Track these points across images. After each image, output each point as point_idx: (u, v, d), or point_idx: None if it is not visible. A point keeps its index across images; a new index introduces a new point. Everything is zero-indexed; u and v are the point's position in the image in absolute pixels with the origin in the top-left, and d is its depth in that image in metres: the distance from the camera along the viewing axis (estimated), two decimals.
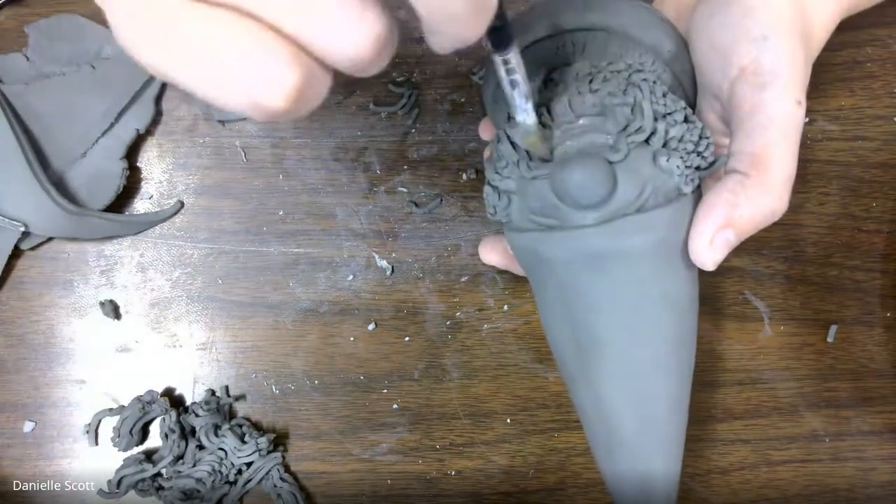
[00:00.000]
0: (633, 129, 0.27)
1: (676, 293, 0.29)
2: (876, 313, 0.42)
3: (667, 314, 0.29)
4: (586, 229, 0.28)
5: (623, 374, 0.29)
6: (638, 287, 0.28)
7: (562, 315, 0.30)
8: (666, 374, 0.30)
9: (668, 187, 0.28)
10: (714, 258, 0.28)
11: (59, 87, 0.42)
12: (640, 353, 0.29)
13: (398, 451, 0.42)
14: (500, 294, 0.43)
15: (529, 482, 0.42)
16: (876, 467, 0.41)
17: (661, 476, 0.31)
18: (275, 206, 0.44)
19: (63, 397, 0.43)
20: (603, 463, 0.32)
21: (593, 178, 0.26)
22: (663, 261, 0.29)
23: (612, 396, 0.30)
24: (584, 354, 0.30)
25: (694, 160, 0.29)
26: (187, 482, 0.40)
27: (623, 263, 0.28)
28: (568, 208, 0.28)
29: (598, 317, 0.29)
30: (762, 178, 0.28)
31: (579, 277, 0.29)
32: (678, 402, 0.30)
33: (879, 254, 0.42)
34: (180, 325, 0.43)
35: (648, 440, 0.30)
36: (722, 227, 0.28)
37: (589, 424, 0.32)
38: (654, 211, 0.28)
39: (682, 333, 0.30)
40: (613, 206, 0.27)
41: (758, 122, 0.29)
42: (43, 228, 0.42)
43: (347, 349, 0.43)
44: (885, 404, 0.42)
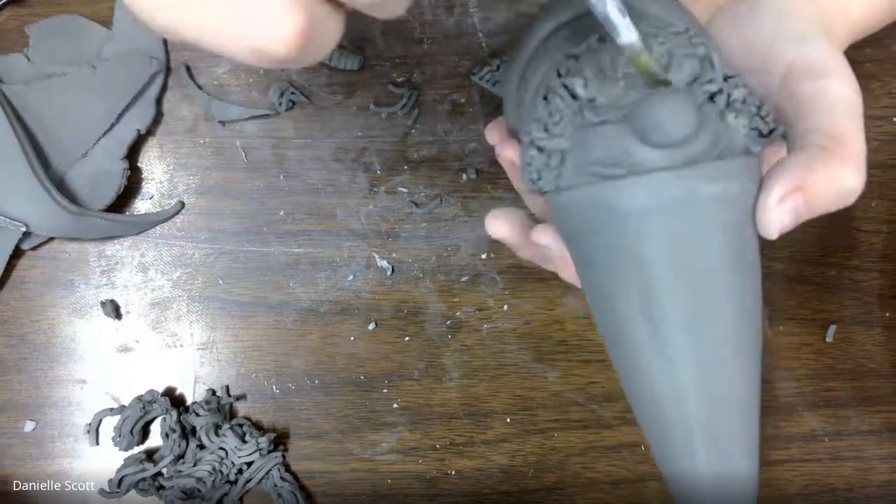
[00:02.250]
0: (705, 79, 0.26)
1: (748, 254, 0.27)
2: (875, 313, 0.42)
3: (737, 276, 0.27)
4: (664, 173, 0.25)
5: (691, 342, 0.27)
6: (714, 243, 0.26)
7: (627, 275, 0.27)
8: (738, 342, 0.27)
9: (737, 144, 0.27)
10: (781, 222, 0.26)
11: (60, 87, 0.42)
12: (710, 319, 0.27)
13: (398, 450, 0.42)
14: (500, 294, 0.43)
15: (529, 482, 0.42)
16: (875, 467, 0.41)
17: (744, 467, 0.28)
18: (275, 206, 0.44)
19: (64, 397, 0.43)
20: (674, 453, 0.28)
21: (684, 110, 0.25)
22: (740, 217, 0.27)
23: (685, 364, 0.27)
24: (653, 318, 0.27)
25: (757, 122, 0.27)
26: (188, 482, 0.41)
27: (701, 214, 0.26)
28: (643, 150, 0.26)
29: (672, 275, 0.26)
30: (839, 148, 0.27)
31: (652, 228, 0.26)
32: (750, 381, 0.28)
33: (878, 254, 0.42)
34: (181, 325, 0.43)
35: (728, 420, 0.27)
36: (794, 190, 0.26)
37: (658, 411, 0.28)
38: (732, 160, 0.26)
39: (752, 299, 0.28)
40: (693, 150, 0.25)
41: (823, 104, 0.28)
42: (44, 228, 0.42)
43: (348, 349, 0.43)
44: (883, 404, 0.42)
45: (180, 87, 0.44)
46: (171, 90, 0.44)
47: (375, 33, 0.44)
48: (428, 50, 0.44)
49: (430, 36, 0.44)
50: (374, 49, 0.44)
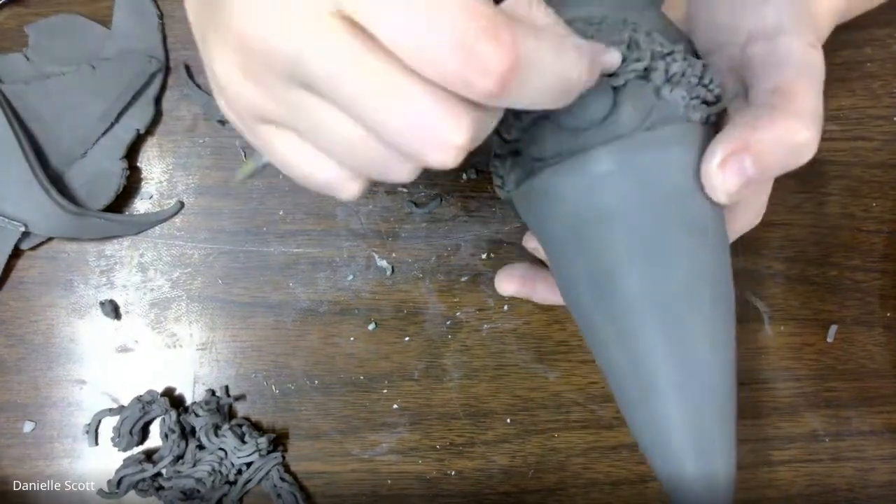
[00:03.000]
0: (632, 59, 0.27)
1: (698, 218, 0.27)
2: (876, 313, 0.42)
3: (689, 238, 0.27)
4: (594, 150, 0.26)
5: (652, 309, 0.26)
6: (655, 208, 0.26)
7: (578, 258, 0.28)
8: (700, 307, 0.27)
9: (675, 114, 0.27)
10: (725, 185, 0.26)
11: (60, 87, 0.42)
12: (666, 282, 0.26)
13: (398, 451, 0.42)
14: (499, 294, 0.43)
15: (529, 482, 0.42)
16: (876, 467, 0.41)
17: (718, 438, 0.27)
18: (275, 206, 0.44)
19: (63, 397, 0.43)
20: (642, 433, 0.28)
21: (594, 92, 0.25)
22: (679, 181, 0.27)
23: (642, 339, 0.27)
24: (606, 296, 0.27)
25: (700, 92, 0.28)
26: (187, 482, 0.40)
27: (637, 182, 0.26)
28: (571, 135, 0.27)
29: (616, 246, 0.27)
30: (786, 103, 0.26)
31: (592, 204, 0.27)
32: (721, 346, 0.27)
33: (879, 254, 0.42)
34: (180, 325, 0.43)
35: (694, 389, 0.27)
36: (736, 150, 0.25)
37: (621, 388, 0.28)
38: (666, 128, 0.26)
39: (712, 264, 0.27)
40: (619, 126, 0.26)
41: (772, 63, 0.27)
42: (43, 228, 0.42)
43: (347, 349, 0.43)
44: (884, 404, 0.42)
45: (180, 86, 0.44)
46: (170, 90, 0.44)
47: None
48: None
49: None
50: None
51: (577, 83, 0.22)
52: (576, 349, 0.42)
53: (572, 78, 0.21)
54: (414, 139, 0.19)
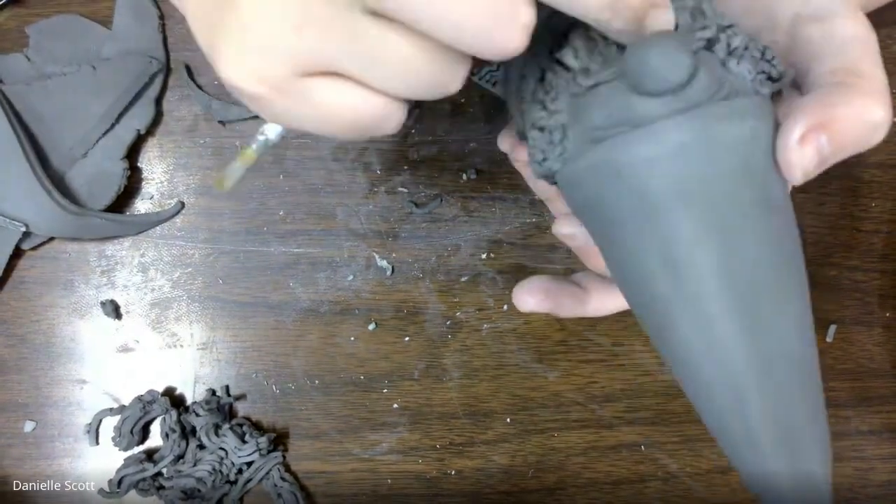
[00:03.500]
0: (698, 27, 0.25)
1: (774, 195, 0.25)
2: (875, 313, 0.42)
3: (767, 216, 0.25)
4: (668, 119, 0.24)
5: (732, 291, 0.24)
6: (732, 184, 0.25)
7: (648, 239, 0.25)
8: (781, 288, 0.25)
9: (744, 87, 0.26)
10: (803, 163, 0.24)
11: (60, 87, 0.42)
12: (746, 262, 0.25)
13: (398, 450, 0.42)
14: (500, 294, 0.43)
15: (529, 482, 0.42)
16: (875, 467, 0.41)
17: (809, 432, 0.25)
18: (275, 206, 0.44)
19: (64, 397, 0.43)
20: (733, 441, 0.26)
21: (676, 53, 0.24)
22: (757, 156, 0.25)
23: (723, 323, 0.25)
24: (682, 278, 0.25)
25: (764, 66, 0.26)
26: (188, 482, 0.41)
27: (713, 156, 0.24)
28: (641, 102, 0.25)
29: (694, 224, 0.25)
30: (860, 82, 0.25)
31: (664, 178, 0.25)
32: (804, 329, 0.26)
33: (878, 254, 0.42)
34: (181, 325, 0.43)
35: (780, 377, 0.25)
36: (815, 128, 0.24)
37: (706, 386, 0.26)
38: (739, 99, 0.25)
39: (789, 243, 0.26)
40: (695, 92, 0.24)
41: (835, 45, 0.27)
42: (44, 228, 0.42)
43: (347, 349, 0.43)
44: (884, 404, 0.42)
45: (180, 87, 0.44)
46: (170, 90, 0.44)
47: None
48: None
49: None
50: None
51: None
52: (575, 349, 0.42)
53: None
54: (484, 21, 0.21)
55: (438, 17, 0.21)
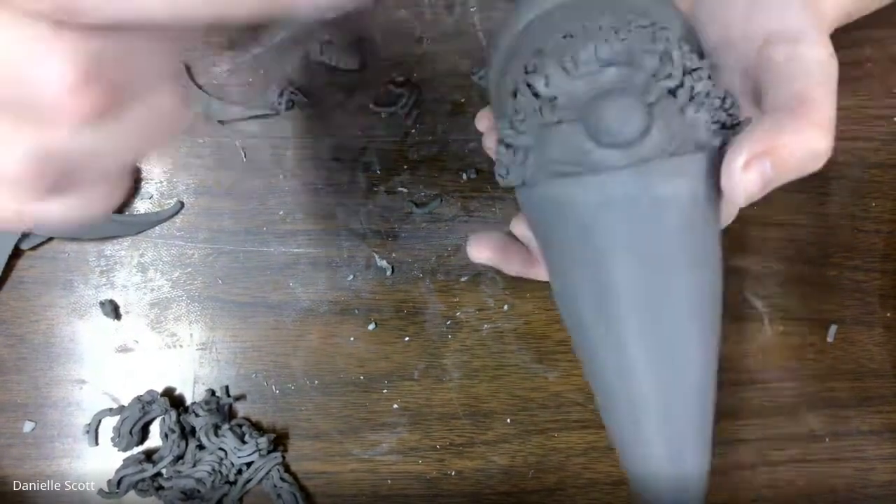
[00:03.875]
0: (663, 75, 0.27)
1: (705, 252, 0.28)
2: (876, 313, 0.42)
3: (693, 269, 0.27)
4: (617, 171, 0.26)
5: (649, 331, 0.28)
6: (667, 239, 0.27)
7: (583, 271, 0.28)
8: (691, 329, 0.28)
9: (697, 139, 0.27)
10: (746, 187, 0.26)
11: None
12: (666, 310, 0.27)
13: (398, 451, 0.42)
14: (500, 294, 0.43)
15: (529, 482, 0.42)
16: (875, 467, 0.41)
17: (692, 455, 0.29)
18: (275, 206, 0.44)
19: (63, 397, 0.43)
20: (628, 446, 0.29)
21: (630, 111, 0.25)
22: (694, 213, 0.27)
23: (636, 357, 0.28)
24: (604, 309, 0.28)
25: (721, 116, 0.28)
26: (187, 482, 0.40)
27: (653, 211, 0.27)
28: (597, 150, 0.26)
29: (624, 270, 0.27)
30: (806, 112, 0.26)
31: (605, 224, 0.27)
32: (706, 371, 0.29)
33: (879, 254, 0.42)
34: (180, 325, 0.43)
35: (678, 409, 0.28)
36: (761, 154, 0.26)
37: (613, 402, 0.29)
38: (687, 156, 0.26)
39: (708, 291, 0.28)
40: (646, 149, 0.26)
41: (794, 69, 0.28)
42: (43, 228, 0.42)
43: (347, 349, 0.43)
44: (884, 404, 0.42)
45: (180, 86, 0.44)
46: None
47: (375, 33, 0.44)
48: (428, 50, 0.44)
49: (430, 36, 0.44)
50: (374, 49, 0.44)
51: None
52: None
53: None
54: None
55: None
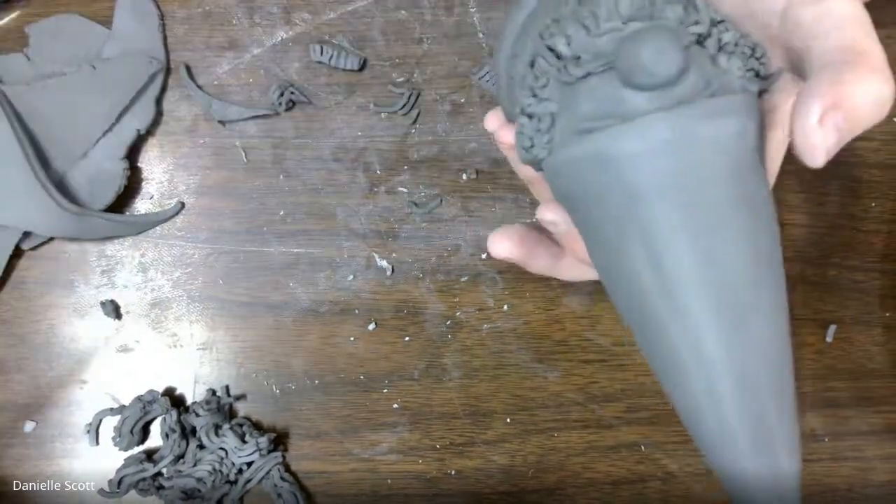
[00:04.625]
0: (690, 21, 0.25)
1: (756, 194, 0.26)
2: (875, 313, 0.42)
3: (749, 215, 0.25)
4: (657, 114, 0.24)
5: (713, 287, 0.25)
6: (715, 180, 0.25)
7: (629, 224, 0.26)
8: (759, 288, 0.26)
9: (733, 84, 0.26)
10: (826, 143, 0.25)
11: (60, 87, 0.42)
12: (727, 260, 0.25)
13: (398, 450, 0.42)
14: (500, 294, 0.43)
15: (529, 482, 0.42)
16: (875, 467, 0.41)
17: (779, 429, 0.25)
18: (275, 206, 0.44)
19: (64, 397, 0.43)
20: (712, 441, 0.26)
21: (668, 46, 0.24)
22: (741, 154, 0.26)
23: (700, 318, 0.25)
24: (663, 272, 0.25)
25: (753, 64, 0.27)
26: (188, 482, 0.41)
27: (699, 152, 0.25)
28: (630, 96, 0.25)
29: (676, 220, 0.25)
30: (863, 59, 0.25)
31: (649, 175, 0.25)
32: (780, 329, 0.26)
33: (878, 254, 0.42)
34: (181, 325, 0.43)
35: (753, 375, 0.25)
36: (831, 107, 0.24)
37: (678, 372, 0.26)
38: (727, 97, 0.25)
39: (768, 243, 0.26)
40: (683, 90, 0.25)
41: (830, 25, 0.27)
42: (44, 228, 0.42)
43: (347, 349, 0.43)
44: (884, 404, 0.42)
45: (180, 87, 0.44)
46: (171, 90, 0.44)
47: (375, 33, 0.44)
48: (428, 50, 0.44)
49: (430, 36, 0.44)
50: (374, 49, 0.44)
51: None
52: (575, 349, 0.42)
53: None
54: None
55: None
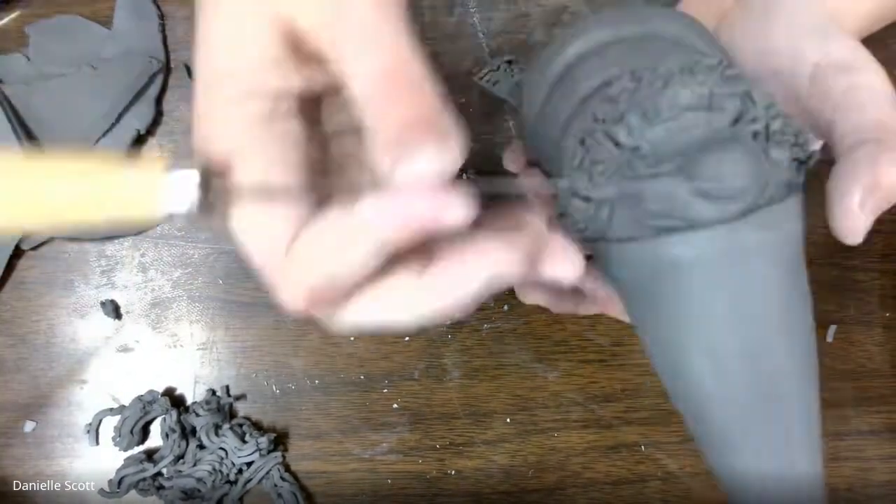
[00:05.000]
0: (749, 118, 0.26)
1: (802, 288, 0.28)
2: (875, 313, 0.42)
3: (800, 315, 0.27)
4: (723, 225, 0.26)
5: (755, 388, 0.27)
6: (772, 287, 0.27)
7: (686, 326, 0.27)
8: (801, 378, 0.28)
9: (783, 180, 0.26)
10: (866, 224, 0.26)
11: (60, 87, 0.42)
12: (774, 359, 0.27)
13: (398, 450, 0.42)
14: (500, 294, 0.43)
15: (529, 482, 0.42)
16: (875, 467, 0.41)
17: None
18: None
19: (64, 397, 0.43)
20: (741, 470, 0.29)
21: (741, 164, 0.25)
22: (793, 257, 0.27)
23: (747, 415, 0.27)
24: (716, 366, 0.27)
25: (798, 153, 0.27)
26: (188, 482, 0.41)
27: (757, 261, 0.26)
28: (701, 203, 0.26)
29: (731, 321, 0.26)
30: (894, 137, 0.26)
31: (709, 278, 0.26)
32: (812, 425, 0.29)
33: (879, 254, 0.42)
34: (181, 325, 0.43)
35: (789, 463, 0.28)
36: (871, 188, 0.26)
37: (721, 440, 0.29)
38: (782, 203, 0.26)
39: (812, 336, 0.28)
40: (748, 199, 0.25)
41: (861, 99, 0.28)
42: None
43: (347, 349, 0.43)
44: (884, 404, 0.42)
45: (180, 87, 0.44)
46: (170, 90, 0.44)
47: None
48: (428, 50, 0.44)
49: (430, 36, 0.44)
50: None
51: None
52: (575, 349, 0.42)
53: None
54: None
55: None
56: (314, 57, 0.22)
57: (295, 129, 0.23)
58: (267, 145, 0.23)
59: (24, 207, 0.20)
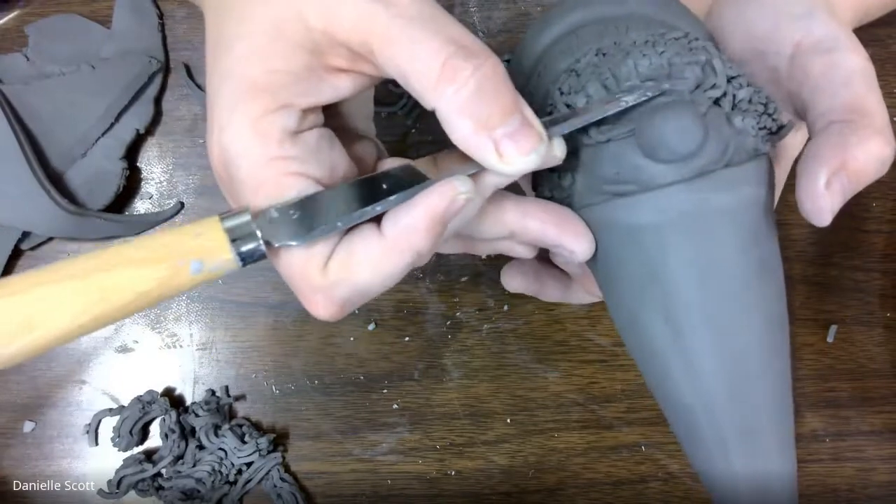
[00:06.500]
0: (708, 85, 0.26)
1: (770, 260, 0.28)
2: (876, 313, 0.42)
3: (760, 282, 0.27)
4: (675, 186, 0.26)
5: (721, 347, 0.27)
6: (732, 251, 0.27)
7: (649, 291, 0.27)
8: (767, 355, 0.28)
9: (747, 147, 0.27)
10: (832, 205, 0.26)
11: (59, 87, 0.42)
12: (738, 325, 0.27)
13: (398, 451, 0.42)
14: (500, 294, 0.43)
15: (529, 482, 0.42)
16: (876, 467, 0.41)
17: (779, 466, 0.28)
18: None
19: (63, 397, 0.43)
20: (708, 455, 0.29)
21: (690, 124, 0.25)
22: (755, 221, 0.27)
23: (712, 375, 0.27)
24: (678, 332, 0.27)
25: (766, 121, 0.27)
26: (187, 482, 0.40)
27: (716, 223, 0.26)
28: (653, 166, 0.26)
29: (689, 288, 0.27)
30: (867, 120, 0.26)
31: (668, 242, 0.26)
32: (784, 385, 0.28)
33: (879, 254, 0.42)
34: (180, 325, 0.43)
35: (760, 421, 0.28)
36: (837, 170, 0.26)
37: (690, 417, 0.29)
38: (742, 166, 0.26)
39: (779, 307, 0.28)
40: (702, 161, 0.26)
41: (838, 79, 0.27)
42: (43, 228, 0.42)
43: (347, 349, 0.43)
44: (884, 404, 0.42)
45: (180, 86, 0.44)
46: (170, 90, 0.44)
47: None
48: None
49: None
50: None
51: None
52: (576, 349, 0.42)
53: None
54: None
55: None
56: (355, 57, 0.23)
57: (323, 139, 0.25)
58: (300, 160, 0.24)
59: (109, 305, 0.22)
